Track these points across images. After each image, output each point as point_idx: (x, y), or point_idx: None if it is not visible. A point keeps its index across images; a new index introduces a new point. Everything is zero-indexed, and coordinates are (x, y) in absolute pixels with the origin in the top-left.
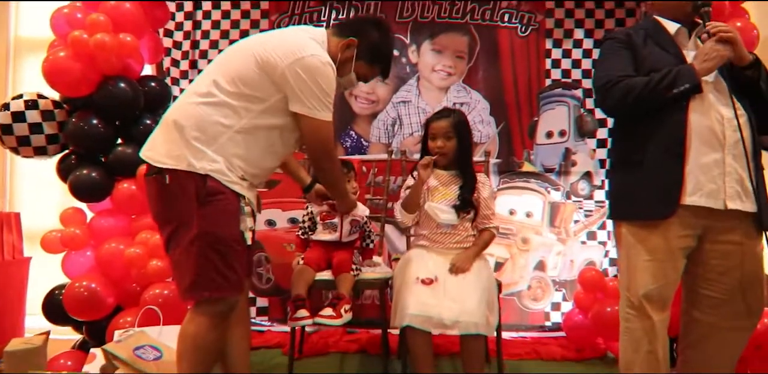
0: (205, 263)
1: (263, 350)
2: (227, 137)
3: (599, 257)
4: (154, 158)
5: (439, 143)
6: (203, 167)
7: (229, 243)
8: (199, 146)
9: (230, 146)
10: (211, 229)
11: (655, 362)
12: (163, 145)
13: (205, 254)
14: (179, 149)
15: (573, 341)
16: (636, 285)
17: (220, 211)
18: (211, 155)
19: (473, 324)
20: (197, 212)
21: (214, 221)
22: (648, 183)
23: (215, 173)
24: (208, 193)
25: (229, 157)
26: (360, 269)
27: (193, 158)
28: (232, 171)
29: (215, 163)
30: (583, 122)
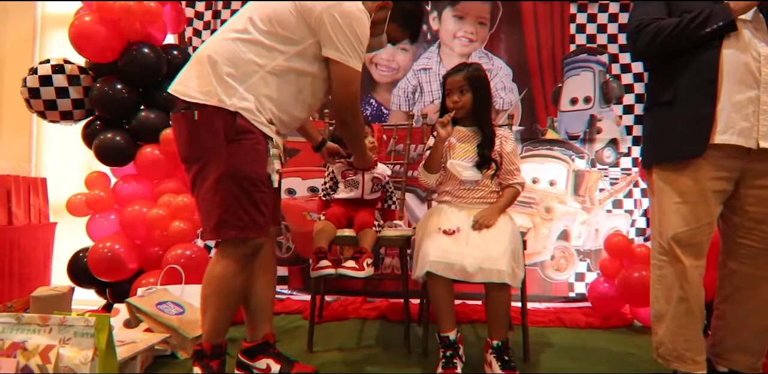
0: (232, 202)
1: (283, 315)
2: (259, 77)
3: (625, 227)
4: (184, 92)
5: (455, 97)
6: (234, 104)
7: (256, 183)
8: (232, 82)
9: (261, 85)
10: (239, 166)
11: (688, 311)
12: (193, 80)
13: (232, 193)
14: (210, 84)
15: (598, 311)
16: (666, 228)
17: (249, 150)
18: (243, 92)
19: (497, 272)
20: (225, 149)
21: (242, 158)
22: (678, 123)
23: (245, 112)
24: (237, 131)
25: (259, 97)
26: (382, 226)
27: (225, 94)
28: (261, 112)
29: (246, 101)
30: (608, 88)
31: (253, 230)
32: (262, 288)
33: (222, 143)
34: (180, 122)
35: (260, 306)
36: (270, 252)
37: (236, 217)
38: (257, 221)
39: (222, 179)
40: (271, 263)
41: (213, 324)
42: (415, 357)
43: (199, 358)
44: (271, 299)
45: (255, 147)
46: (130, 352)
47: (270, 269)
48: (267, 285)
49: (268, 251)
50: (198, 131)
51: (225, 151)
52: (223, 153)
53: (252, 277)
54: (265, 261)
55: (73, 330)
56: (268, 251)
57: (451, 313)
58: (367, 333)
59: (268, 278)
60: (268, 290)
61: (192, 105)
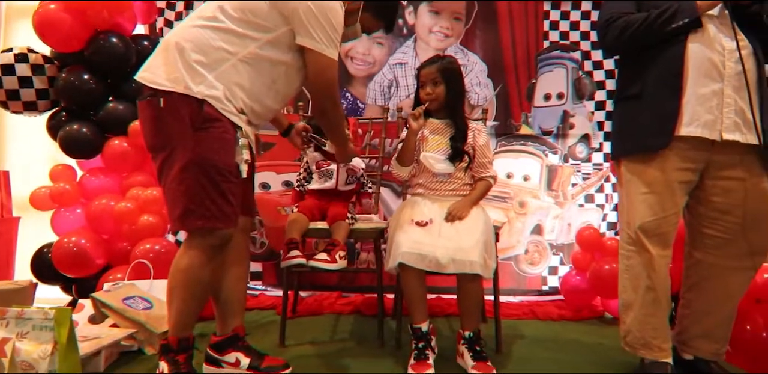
0: (198, 191)
1: (257, 311)
2: (230, 64)
3: (597, 221)
4: (150, 79)
5: (428, 89)
6: (201, 92)
7: (223, 172)
8: (200, 69)
9: (233, 73)
10: (205, 155)
11: (655, 300)
12: (160, 67)
13: (198, 181)
14: (177, 71)
15: (570, 303)
16: (634, 218)
17: (216, 138)
18: (211, 80)
19: (469, 263)
20: (192, 137)
21: (208, 147)
22: (645, 116)
23: (212, 100)
24: (204, 119)
25: (230, 85)
26: (355, 218)
27: (192, 81)
28: (231, 101)
29: (214, 89)
30: (581, 85)
31: (221, 221)
32: (233, 281)
33: (188, 130)
34: (145, 110)
35: (231, 299)
36: (242, 245)
37: (202, 207)
38: (225, 211)
39: (187, 167)
40: (243, 255)
41: (179, 317)
42: (388, 349)
43: (166, 353)
44: (242, 292)
45: (222, 136)
46: (93, 347)
47: (242, 261)
48: (238, 277)
49: (241, 243)
50: (163, 119)
51: (191, 139)
52: (189, 141)
53: (223, 269)
54: (237, 253)
55: (31, 324)
56: (240, 244)
57: (423, 305)
58: (341, 327)
59: (239, 270)
60: (240, 282)
61: (158, 92)
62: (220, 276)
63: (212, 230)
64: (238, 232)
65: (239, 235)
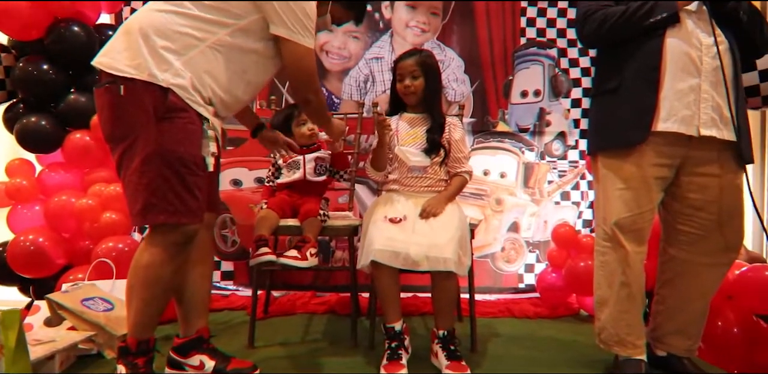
0: (161, 184)
1: (227, 311)
2: (199, 51)
3: (573, 218)
4: (110, 65)
5: (407, 82)
6: (166, 80)
7: (188, 164)
8: (167, 55)
9: (202, 61)
10: (168, 146)
11: (629, 296)
12: (121, 52)
13: (160, 174)
14: (141, 56)
15: (546, 301)
16: (609, 214)
17: (180, 128)
18: (178, 67)
19: (443, 260)
20: (154, 127)
21: (172, 137)
22: (622, 111)
23: (178, 89)
24: (169, 108)
25: (199, 73)
26: (327, 215)
27: (157, 68)
28: (198, 91)
29: (180, 78)
30: (557, 82)
31: (185, 216)
32: (198, 280)
33: (150, 120)
34: (103, 98)
35: (194, 299)
36: (207, 242)
37: (165, 200)
38: (189, 205)
39: (149, 159)
40: (207, 253)
41: (139, 318)
42: (361, 349)
43: (124, 356)
44: (206, 291)
45: (187, 126)
46: (47, 351)
47: (207, 259)
48: (203, 276)
49: (205, 240)
50: (123, 107)
51: (154, 129)
52: (152, 131)
53: (186, 267)
54: (202, 251)
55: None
56: (205, 241)
57: (396, 303)
58: (314, 327)
59: (204, 269)
60: (204, 281)
61: (118, 79)
62: (184, 275)
63: (176, 226)
64: (203, 229)
65: (203, 232)
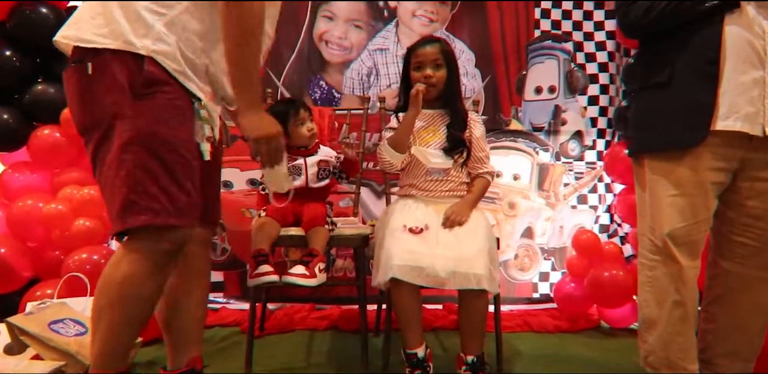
0: (142, 175)
1: (217, 328)
2: (183, 8)
3: (590, 223)
4: (75, 36)
5: (428, 71)
6: (146, 46)
7: (178, 150)
8: (147, 16)
9: (187, 20)
10: (149, 128)
11: (683, 317)
12: (90, 20)
13: (141, 163)
14: (114, 21)
15: (565, 312)
16: (660, 224)
17: (164, 106)
18: (160, 30)
19: (473, 276)
20: (132, 107)
21: (155, 117)
22: (674, 107)
23: (161, 56)
24: (147, 82)
25: (188, 36)
26: (335, 223)
27: (134, 33)
28: (189, 60)
29: (163, 43)
30: (573, 78)
31: (174, 215)
32: (192, 306)
33: (127, 100)
34: (70, 81)
35: (187, 328)
36: (203, 262)
37: (147, 196)
38: (179, 202)
39: (127, 147)
40: (203, 275)
41: (108, 347)
42: (374, 371)
43: None
44: (201, 319)
45: (173, 103)
46: None
47: (202, 283)
48: (198, 302)
49: (201, 258)
50: (93, 89)
51: (131, 109)
52: (129, 113)
53: (179, 293)
54: (197, 273)
55: None
56: (200, 259)
57: (418, 326)
58: (317, 346)
59: (199, 293)
60: (199, 308)
61: (87, 55)
62: (176, 301)
63: (162, 229)
64: (197, 245)
65: (199, 250)
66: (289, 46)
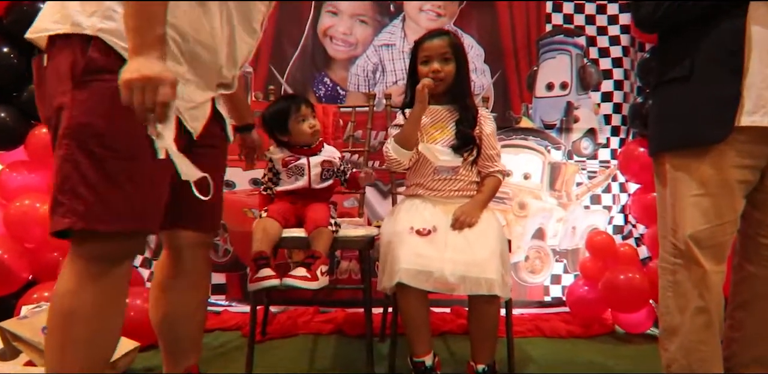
0: (69, 173)
1: (218, 332)
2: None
3: (603, 224)
4: (34, 28)
5: (436, 65)
6: (92, 25)
7: (114, 145)
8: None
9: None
10: (85, 120)
11: (707, 325)
12: (49, 8)
13: (70, 158)
14: (64, 6)
15: (577, 316)
16: (683, 225)
17: (104, 95)
18: (111, 5)
19: (484, 281)
20: (72, 97)
21: (91, 108)
22: (695, 103)
23: (107, 35)
24: (89, 67)
25: None
26: (339, 224)
27: (83, 12)
28: None
29: (111, 20)
30: (586, 74)
31: (103, 220)
32: (190, 310)
33: (69, 90)
34: (34, 75)
35: (183, 333)
36: (201, 263)
37: (74, 196)
38: (111, 203)
39: (61, 140)
40: (202, 276)
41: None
42: None
43: None
44: (199, 324)
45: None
46: None
47: (201, 284)
48: (196, 305)
49: (198, 260)
50: (46, 81)
51: (70, 100)
52: (68, 104)
53: (174, 295)
54: (195, 274)
55: None
56: (196, 262)
57: (426, 333)
58: (321, 351)
59: (197, 296)
60: (197, 312)
61: (46, 44)
62: (173, 303)
63: (93, 234)
64: (191, 248)
65: (193, 252)
66: (293, 43)
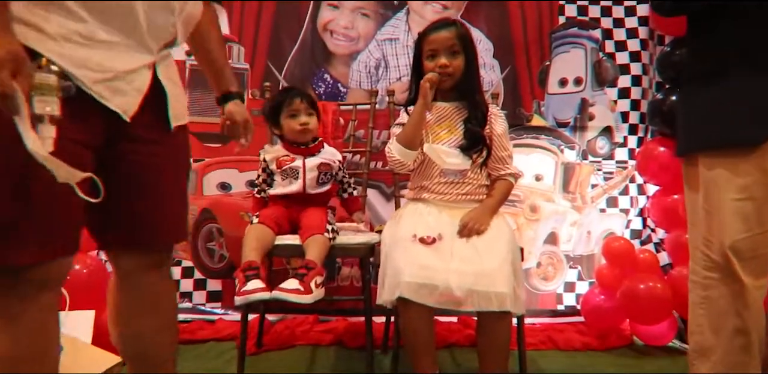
0: None
1: (212, 343)
2: None
3: (620, 228)
4: None
5: (443, 60)
6: None
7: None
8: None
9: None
10: None
11: (745, 347)
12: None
13: None
14: None
15: (593, 326)
16: (720, 234)
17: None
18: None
19: (495, 296)
20: None
21: None
22: (733, 99)
23: None
24: None
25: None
26: (336, 231)
27: None
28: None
29: None
30: (602, 69)
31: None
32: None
33: None
34: None
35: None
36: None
37: None
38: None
39: None
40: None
41: None
42: None
43: None
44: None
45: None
46: None
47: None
48: (157, 331)
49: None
50: None
51: None
52: None
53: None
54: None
55: None
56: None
57: (430, 351)
58: (320, 364)
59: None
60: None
61: None
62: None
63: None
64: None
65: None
66: (291, 38)
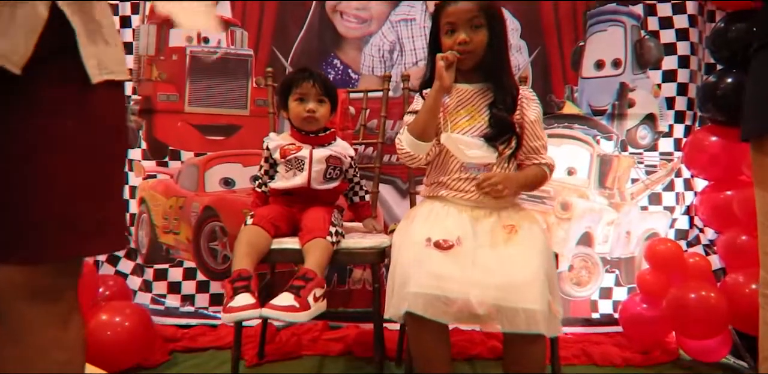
0: None
1: (212, 351)
2: None
3: (664, 228)
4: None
5: (463, 35)
6: None
7: None
8: None
9: None
10: None
11: None
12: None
13: None
14: None
15: (633, 339)
16: None
17: None
18: None
19: (525, 314)
20: None
21: None
22: None
23: None
24: None
25: None
26: (342, 234)
27: None
28: None
29: None
30: (644, 49)
31: None
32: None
33: None
34: None
35: None
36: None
37: None
38: None
39: None
40: (17, 330)
41: None
42: None
43: None
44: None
45: None
46: None
47: (19, 339)
48: (18, 358)
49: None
50: None
51: None
52: None
53: None
54: (29, 345)
55: None
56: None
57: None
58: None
59: (13, 350)
60: (15, 366)
61: None
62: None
63: None
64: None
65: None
66: (298, 20)
